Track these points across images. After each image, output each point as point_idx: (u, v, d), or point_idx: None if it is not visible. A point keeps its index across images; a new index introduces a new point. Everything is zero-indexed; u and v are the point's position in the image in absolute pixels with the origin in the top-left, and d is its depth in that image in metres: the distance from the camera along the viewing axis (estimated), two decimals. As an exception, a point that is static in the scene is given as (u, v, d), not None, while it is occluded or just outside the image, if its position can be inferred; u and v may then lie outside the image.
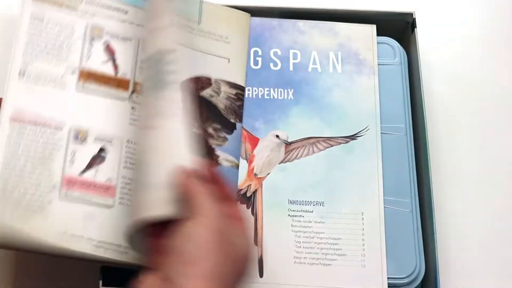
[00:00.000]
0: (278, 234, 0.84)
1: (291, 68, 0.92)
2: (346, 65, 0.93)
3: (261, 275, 0.83)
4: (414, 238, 0.86)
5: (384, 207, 0.86)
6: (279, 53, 0.93)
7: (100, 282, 0.82)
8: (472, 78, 1.01)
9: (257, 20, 0.94)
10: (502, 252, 0.91)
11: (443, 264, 0.86)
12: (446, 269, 0.88)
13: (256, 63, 0.92)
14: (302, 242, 0.84)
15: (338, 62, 0.93)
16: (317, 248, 0.84)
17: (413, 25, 0.94)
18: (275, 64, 0.92)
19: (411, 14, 0.95)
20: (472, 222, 0.93)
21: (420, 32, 0.94)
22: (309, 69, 0.93)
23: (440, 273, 0.83)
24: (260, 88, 0.91)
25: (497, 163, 0.97)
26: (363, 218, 0.85)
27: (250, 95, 0.91)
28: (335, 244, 0.84)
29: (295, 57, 0.93)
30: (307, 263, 0.83)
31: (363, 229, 0.85)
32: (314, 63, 0.93)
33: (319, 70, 0.93)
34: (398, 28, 0.97)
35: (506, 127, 0.99)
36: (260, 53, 0.93)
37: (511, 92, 1.01)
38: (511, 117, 0.99)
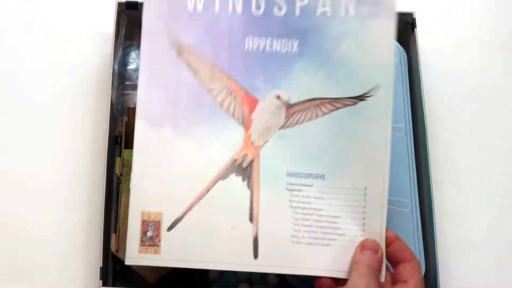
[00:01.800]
0: (275, 211, 0.78)
1: (297, 13, 0.80)
2: (362, 5, 0.80)
3: (255, 256, 0.77)
4: (414, 238, 0.84)
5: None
6: None
7: (100, 282, 0.80)
8: (472, 78, 1.00)
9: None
10: (502, 252, 0.90)
11: (443, 264, 0.84)
12: (446, 269, 0.85)
13: (258, 7, 0.81)
14: (301, 219, 0.78)
15: (351, 1, 0.81)
16: (316, 226, 0.77)
17: (413, 25, 0.94)
18: (280, 8, 0.81)
19: (411, 14, 0.94)
20: (472, 222, 0.91)
21: (420, 32, 0.93)
22: (318, 13, 0.80)
23: (440, 273, 0.81)
24: (261, 39, 0.80)
25: (497, 163, 0.96)
26: (365, 194, 0.78)
27: (250, 48, 0.80)
28: (335, 222, 0.77)
29: None
30: (305, 243, 0.77)
31: (364, 207, 0.78)
32: (324, 5, 0.80)
33: (329, 13, 0.80)
34: (398, 28, 0.92)
35: (506, 127, 0.98)
36: None
37: (511, 92, 1.00)
38: (511, 117, 0.98)
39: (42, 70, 0.98)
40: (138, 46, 0.93)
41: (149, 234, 0.77)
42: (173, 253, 0.77)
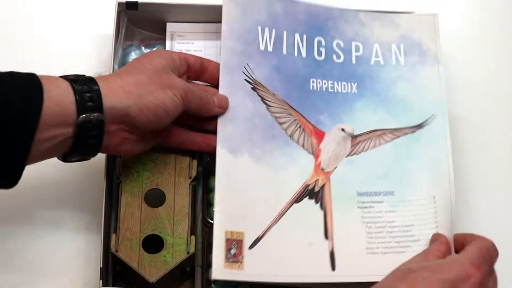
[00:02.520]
0: (348, 227, 0.83)
1: (353, 61, 0.90)
2: (409, 57, 0.90)
3: (333, 268, 0.81)
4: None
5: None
6: (342, 44, 0.90)
7: (100, 282, 0.80)
8: (473, 78, 1.00)
9: (321, 8, 0.92)
10: (503, 253, 0.83)
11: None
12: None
13: (319, 53, 0.89)
14: (374, 232, 0.83)
15: (400, 54, 0.90)
16: (389, 237, 0.82)
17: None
18: (338, 56, 0.90)
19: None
20: (472, 223, 0.92)
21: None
22: (372, 62, 0.90)
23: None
24: (324, 81, 0.88)
25: (498, 163, 0.96)
26: (435, 201, 0.84)
27: (315, 87, 0.88)
28: (408, 231, 0.83)
29: (357, 50, 0.90)
30: (380, 253, 0.82)
31: (435, 212, 0.83)
32: (377, 55, 0.90)
33: (382, 63, 0.90)
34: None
35: (507, 127, 0.98)
36: (323, 43, 0.90)
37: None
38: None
39: (42, 70, 0.93)
40: (138, 46, 0.96)
41: (232, 251, 0.81)
42: (255, 269, 0.81)
